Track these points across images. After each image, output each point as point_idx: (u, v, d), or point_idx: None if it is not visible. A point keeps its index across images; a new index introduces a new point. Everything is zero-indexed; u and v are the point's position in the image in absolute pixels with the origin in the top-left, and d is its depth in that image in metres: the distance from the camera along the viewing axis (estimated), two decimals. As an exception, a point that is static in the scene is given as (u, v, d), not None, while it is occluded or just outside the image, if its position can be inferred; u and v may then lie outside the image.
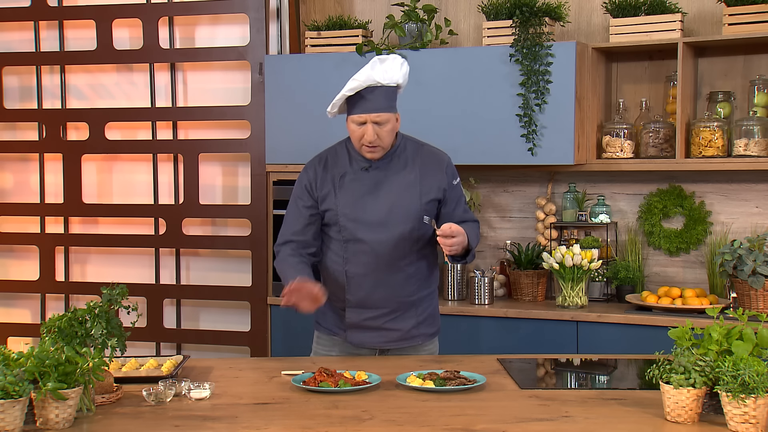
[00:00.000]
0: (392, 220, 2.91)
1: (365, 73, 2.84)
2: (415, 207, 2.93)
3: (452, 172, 3.03)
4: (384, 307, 2.96)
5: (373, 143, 2.86)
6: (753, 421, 2.07)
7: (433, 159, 3.00)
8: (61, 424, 2.16)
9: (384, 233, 2.90)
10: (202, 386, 2.45)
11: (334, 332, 3.04)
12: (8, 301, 5.10)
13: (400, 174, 2.95)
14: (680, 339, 2.28)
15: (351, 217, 2.91)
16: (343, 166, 2.96)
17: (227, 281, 4.76)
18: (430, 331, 3.06)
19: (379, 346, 3.00)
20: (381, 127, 2.86)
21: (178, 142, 4.78)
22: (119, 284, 2.59)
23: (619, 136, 4.14)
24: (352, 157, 2.97)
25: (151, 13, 4.70)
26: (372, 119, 2.84)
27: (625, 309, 3.95)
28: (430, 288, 3.06)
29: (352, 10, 4.80)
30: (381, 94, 2.85)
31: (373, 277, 2.93)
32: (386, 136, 2.88)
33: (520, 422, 2.22)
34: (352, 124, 2.88)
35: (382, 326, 2.97)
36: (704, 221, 4.18)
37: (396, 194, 2.93)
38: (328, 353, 3.07)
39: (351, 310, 2.98)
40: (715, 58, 4.15)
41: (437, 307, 3.12)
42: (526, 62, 4.02)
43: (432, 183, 2.96)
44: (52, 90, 4.97)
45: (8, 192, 5.08)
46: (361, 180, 2.94)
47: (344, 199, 2.93)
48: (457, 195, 3.04)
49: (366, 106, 2.84)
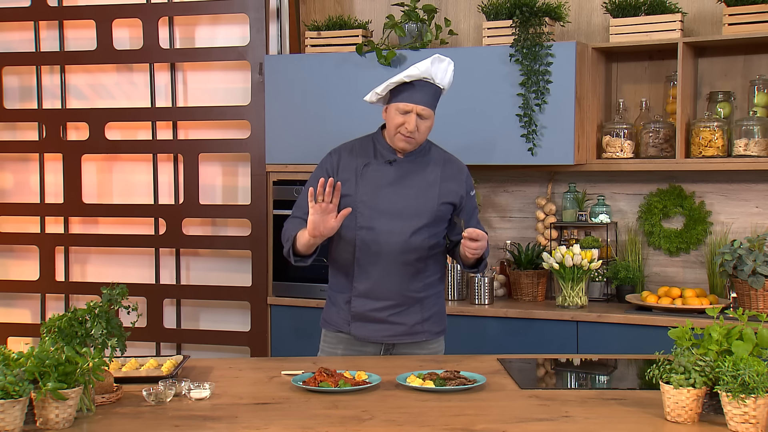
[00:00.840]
0: (407, 214, 2.96)
1: (425, 66, 2.91)
2: (432, 205, 2.98)
3: (470, 184, 3.12)
4: (390, 300, 2.98)
5: (411, 134, 2.91)
6: (753, 421, 2.07)
7: (454, 167, 3.09)
8: (61, 424, 2.16)
9: (398, 225, 2.94)
10: (202, 386, 2.45)
11: (340, 328, 3.05)
12: (8, 301, 5.10)
13: (422, 173, 3.01)
14: (680, 339, 2.27)
15: (369, 205, 2.95)
16: (367, 157, 3.02)
17: (227, 281, 4.76)
18: (436, 329, 3.08)
19: (383, 339, 3.01)
20: (422, 121, 2.92)
21: (178, 142, 4.78)
22: (119, 284, 2.59)
23: (619, 136, 4.14)
24: (378, 150, 3.02)
25: (151, 13, 4.70)
26: (418, 111, 2.91)
27: (625, 309, 3.95)
28: (437, 288, 3.10)
29: (352, 10, 4.80)
30: (431, 91, 2.94)
31: (381, 268, 2.96)
32: (424, 132, 2.95)
33: (520, 422, 2.22)
34: (395, 112, 2.92)
35: (387, 319, 2.99)
36: (704, 221, 4.18)
37: (415, 190, 2.98)
38: (333, 350, 3.08)
39: (357, 299, 3.00)
40: (715, 58, 4.15)
41: (444, 307, 3.15)
42: (526, 62, 4.02)
43: (451, 188, 3.03)
44: (52, 90, 4.97)
45: (8, 192, 5.08)
46: (384, 172, 2.99)
47: (364, 188, 2.97)
48: (472, 206, 3.13)
49: (416, 96, 2.90)
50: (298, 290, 4.43)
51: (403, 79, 2.90)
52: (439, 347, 3.12)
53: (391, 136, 2.98)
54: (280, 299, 4.48)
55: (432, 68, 2.91)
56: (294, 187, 4.42)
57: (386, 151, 3.01)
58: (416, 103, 2.90)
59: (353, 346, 3.05)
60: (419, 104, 2.90)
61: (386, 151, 3.01)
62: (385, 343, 3.04)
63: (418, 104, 2.90)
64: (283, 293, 4.48)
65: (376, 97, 3.01)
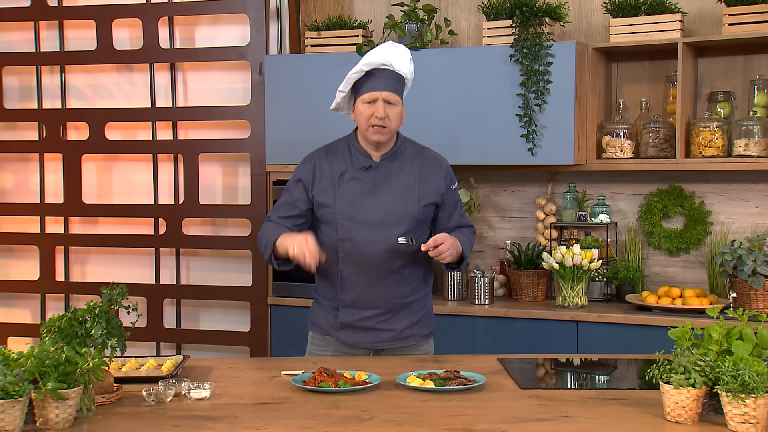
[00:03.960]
0: (389, 221, 2.90)
1: (379, 53, 2.88)
2: (413, 209, 2.93)
3: (451, 177, 3.05)
4: (377, 308, 2.95)
5: (382, 122, 2.87)
6: (753, 421, 2.07)
7: (432, 163, 3.01)
8: (61, 424, 2.16)
9: (380, 234, 2.90)
10: (202, 386, 2.45)
11: (328, 332, 3.03)
12: (8, 301, 5.10)
13: (400, 176, 2.95)
14: (680, 339, 2.27)
15: (348, 216, 2.91)
16: (343, 164, 2.96)
17: (227, 281, 4.76)
18: (425, 331, 3.06)
19: (372, 346, 2.99)
20: (391, 108, 2.88)
21: (178, 142, 4.78)
22: (119, 284, 2.59)
23: (619, 136, 4.14)
24: (353, 155, 2.97)
25: (151, 13, 4.70)
26: (384, 97, 2.87)
27: (625, 309, 3.95)
28: (424, 290, 3.05)
29: (352, 10, 4.80)
30: (392, 77, 2.90)
31: (366, 278, 2.93)
32: (395, 119, 2.90)
33: (520, 422, 2.22)
34: (362, 105, 2.89)
35: (375, 327, 2.96)
36: (704, 221, 4.18)
37: (394, 196, 2.93)
38: (322, 353, 3.06)
39: (344, 310, 2.97)
40: (715, 58, 4.15)
41: (431, 308, 3.12)
42: (526, 62, 4.02)
43: (430, 187, 2.97)
44: (52, 90, 4.97)
45: (8, 192, 5.08)
46: (361, 179, 2.94)
47: (342, 198, 2.93)
48: (455, 200, 3.06)
49: (378, 84, 2.87)
50: (298, 290, 4.43)
51: (361, 68, 2.88)
52: (428, 348, 3.09)
53: (363, 133, 2.92)
54: (280, 299, 4.48)
55: (387, 54, 2.88)
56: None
57: (361, 156, 2.96)
58: (380, 89, 2.87)
59: (342, 349, 3.02)
60: (384, 90, 2.87)
61: (361, 156, 2.96)
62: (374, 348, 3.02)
63: (383, 90, 2.87)
64: (283, 293, 4.48)
65: (341, 97, 2.98)
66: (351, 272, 2.93)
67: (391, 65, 2.88)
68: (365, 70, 2.88)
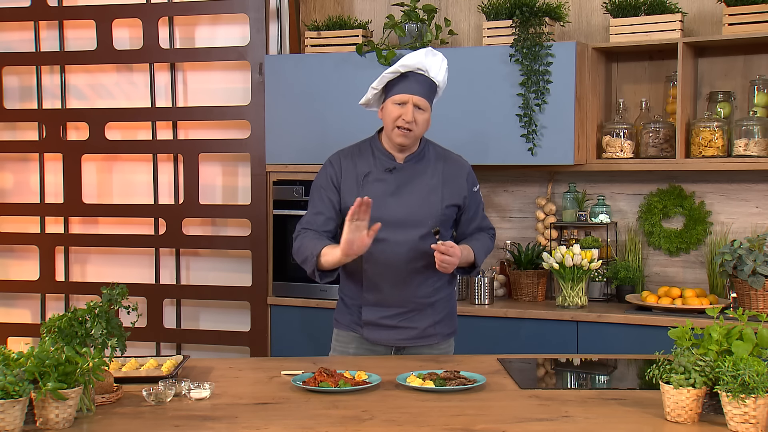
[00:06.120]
0: (412, 222, 2.93)
1: (419, 57, 2.90)
2: (436, 210, 2.96)
3: (473, 180, 3.09)
4: (400, 307, 2.98)
5: (409, 125, 2.88)
6: (753, 421, 2.07)
7: (455, 165, 3.05)
8: (61, 424, 2.16)
9: (403, 234, 2.92)
10: (202, 386, 2.45)
11: (352, 329, 3.05)
12: (8, 301, 5.10)
13: (423, 177, 2.98)
14: (680, 339, 2.27)
15: (373, 217, 2.90)
16: (367, 165, 2.99)
17: (227, 281, 4.76)
18: (447, 331, 3.09)
19: (394, 343, 3.02)
20: (420, 113, 2.90)
21: (178, 142, 4.78)
22: (119, 284, 2.59)
23: (619, 136, 4.14)
24: (377, 157, 2.99)
25: (151, 13, 4.70)
26: (414, 101, 2.89)
27: (625, 309, 3.95)
28: (448, 290, 3.08)
29: (352, 10, 4.80)
30: (426, 83, 2.92)
31: (390, 278, 2.95)
32: (422, 124, 2.92)
33: (520, 422, 2.22)
34: (391, 106, 2.90)
35: (398, 325, 2.99)
36: (704, 221, 4.18)
37: (418, 197, 2.95)
38: (344, 349, 3.07)
39: (367, 308, 3.00)
40: (715, 58, 4.15)
41: (455, 308, 3.15)
42: (526, 62, 4.02)
43: (453, 189, 3.01)
44: (52, 90, 4.97)
45: (8, 192, 5.08)
46: (385, 180, 2.96)
47: None
48: (477, 202, 3.11)
49: (411, 87, 2.89)
50: (298, 290, 4.43)
51: (398, 69, 2.89)
52: (449, 348, 3.12)
53: (388, 133, 2.94)
54: (280, 299, 4.48)
55: (426, 60, 2.90)
56: (294, 187, 4.42)
57: (385, 157, 2.98)
58: (412, 93, 2.88)
59: (365, 345, 3.05)
60: (415, 94, 2.88)
61: (385, 157, 2.98)
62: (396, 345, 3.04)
63: (415, 94, 2.88)
64: (283, 293, 4.48)
65: (372, 93, 2.99)
66: (375, 272, 2.95)
67: (428, 71, 2.90)
68: (401, 71, 2.90)
